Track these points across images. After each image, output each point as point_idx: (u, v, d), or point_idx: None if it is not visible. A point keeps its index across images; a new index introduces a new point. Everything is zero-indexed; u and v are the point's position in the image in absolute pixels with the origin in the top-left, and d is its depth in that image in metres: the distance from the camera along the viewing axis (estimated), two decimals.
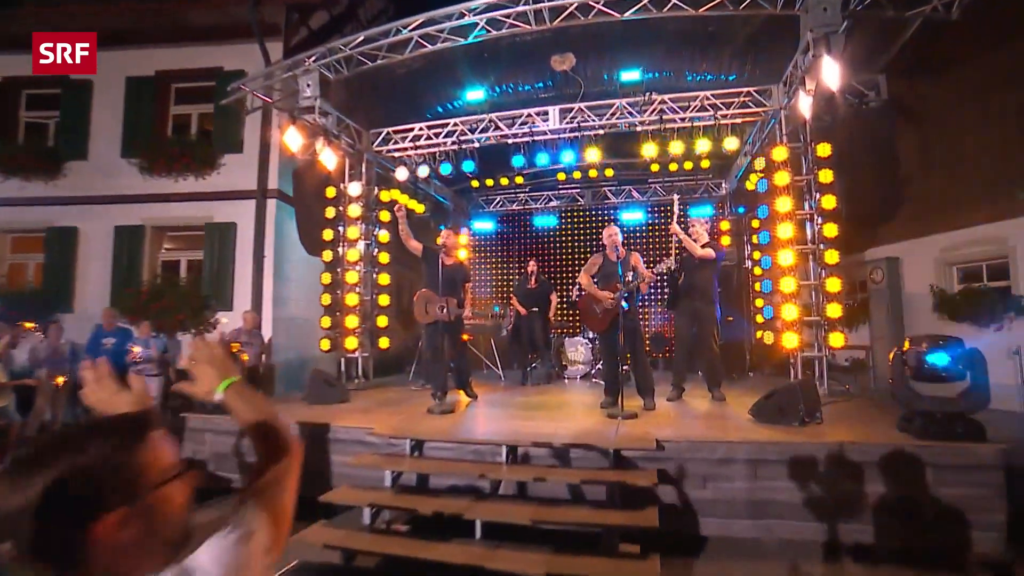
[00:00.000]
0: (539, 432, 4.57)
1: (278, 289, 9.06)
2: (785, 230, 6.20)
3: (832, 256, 6.01)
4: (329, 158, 7.19)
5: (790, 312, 6.06)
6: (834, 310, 5.94)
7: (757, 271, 9.23)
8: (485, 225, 12.23)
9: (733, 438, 4.16)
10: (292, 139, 6.54)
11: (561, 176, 11.07)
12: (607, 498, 3.82)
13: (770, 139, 7.20)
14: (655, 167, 10.42)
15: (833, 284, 5.98)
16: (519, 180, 11.35)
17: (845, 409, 5.31)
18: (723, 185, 10.70)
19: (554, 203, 11.88)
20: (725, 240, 10.39)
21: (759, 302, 9.87)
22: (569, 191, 11.76)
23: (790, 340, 6.06)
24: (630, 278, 5.40)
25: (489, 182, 11.30)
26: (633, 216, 11.23)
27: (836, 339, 5.90)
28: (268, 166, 9.04)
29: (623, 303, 5.23)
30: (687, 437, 4.22)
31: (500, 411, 5.83)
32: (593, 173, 10.67)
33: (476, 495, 4.05)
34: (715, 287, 5.98)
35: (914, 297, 9.11)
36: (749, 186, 8.33)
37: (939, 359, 3.69)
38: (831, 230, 6.02)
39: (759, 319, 9.87)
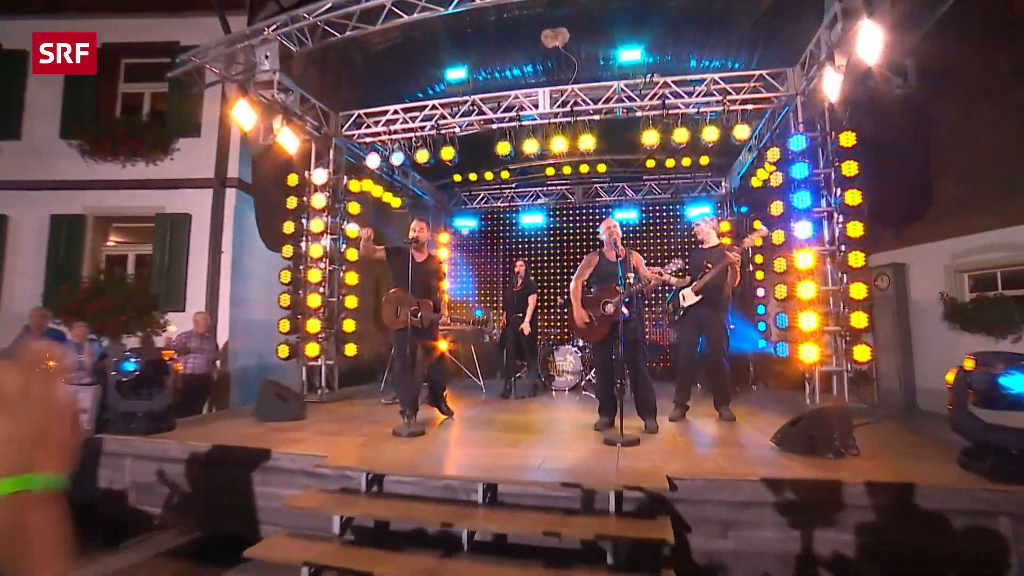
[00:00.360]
0: (524, 464, 3.79)
1: (237, 288, 8.19)
2: (803, 229, 5.51)
3: (857, 259, 5.34)
4: (290, 140, 6.36)
5: (809, 321, 5.36)
6: (859, 319, 5.26)
7: (760, 275, 8.59)
8: (468, 223, 11.44)
9: (760, 474, 3.42)
10: (242, 114, 5.68)
11: (550, 171, 10.37)
12: (610, 554, 3.04)
13: (783, 129, 6.55)
14: (651, 163, 9.79)
15: (858, 290, 5.30)
16: (505, 175, 10.63)
17: (876, 435, 4.59)
18: (723, 184, 10.04)
19: (542, 200, 11.13)
20: (726, 241, 9.73)
21: (760, 309, 9.25)
22: (558, 187, 11.02)
23: (809, 353, 5.37)
24: (631, 280, 4.67)
25: (472, 176, 10.57)
26: (627, 215, 10.52)
27: (861, 352, 5.21)
28: (228, 152, 8.20)
29: (623, 310, 4.49)
30: (703, 473, 3.47)
31: (478, 433, 5.03)
32: (584, 168, 10.00)
33: (446, 546, 3.25)
34: (726, 293, 5.27)
35: (922, 306, 8.54)
36: (755, 182, 7.67)
37: (1019, 383, 2.99)
38: (855, 229, 5.34)
39: (759, 326, 9.24)
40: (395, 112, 7.24)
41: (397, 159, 7.11)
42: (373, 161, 7.24)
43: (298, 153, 6.63)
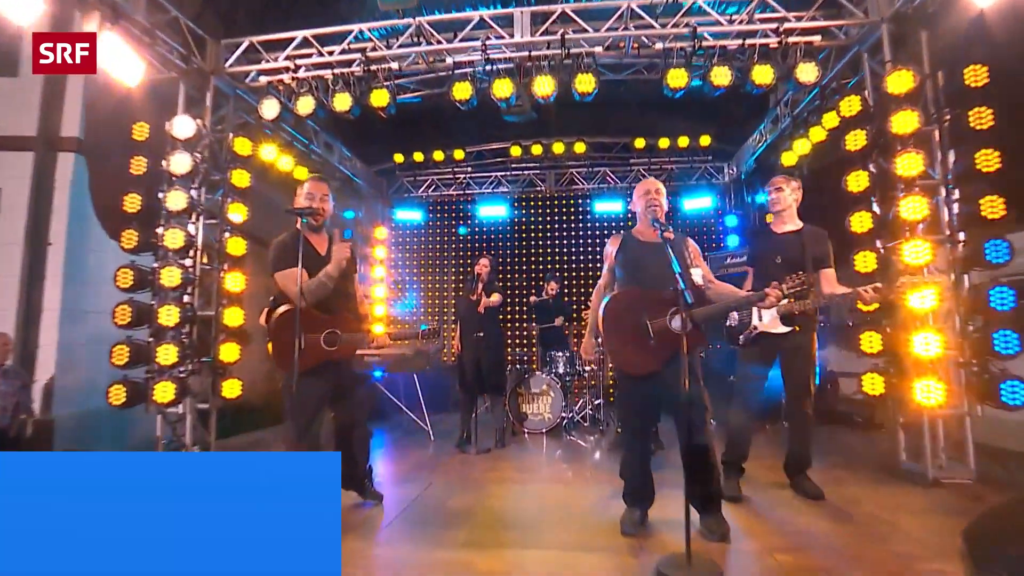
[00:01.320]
0: None
1: (73, 296, 5.69)
2: (912, 208, 3.71)
3: (998, 252, 3.58)
4: (123, 62, 4.02)
5: (929, 346, 3.55)
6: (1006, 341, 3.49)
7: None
8: (412, 215, 9.25)
9: None
10: None
11: (516, 151, 8.38)
12: None
13: (840, 77, 4.85)
14: (640, 142, 8.00)
15: (1002, 298, 3.53)
16: (459, 155, 8.55)
17: None
18: (725, 170, 8.34)
19: (505, 188, 9.10)
20: (733, 240, 8.03)
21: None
22: (525, 172, 9.02)
23: (930, 393, 3.54)
24: (697, 279, 2.68)
25: (418, 156, 8.45)
26: (609, 207, 8.68)
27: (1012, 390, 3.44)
28: (62, 101, 5.70)
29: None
30: None
31: (425, 551, 2.84)
32: (559, 147, 8.08)
33: None
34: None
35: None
36: (789, 159, 5.91)
37: None
38: (993, 207, 3.59)
39: None
40: (304, 40, 4.99)
41: (306, 106, 4.82)
42: (271, 110, 4.92)
43: (142, 87, 4.29)
